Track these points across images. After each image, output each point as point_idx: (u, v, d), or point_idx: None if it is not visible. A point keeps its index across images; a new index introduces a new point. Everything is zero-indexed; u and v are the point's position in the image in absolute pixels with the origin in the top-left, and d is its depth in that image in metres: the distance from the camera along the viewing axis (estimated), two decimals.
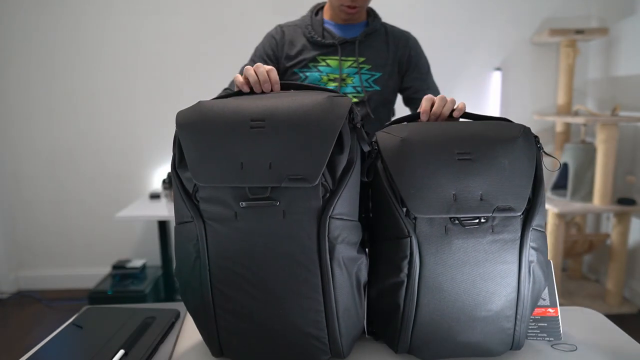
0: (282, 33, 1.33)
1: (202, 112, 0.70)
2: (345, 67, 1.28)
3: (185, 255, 0.73)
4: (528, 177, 0.71)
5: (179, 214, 0.74)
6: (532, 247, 0.73)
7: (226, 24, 2.71)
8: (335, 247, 0.69)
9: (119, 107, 2.78)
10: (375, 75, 1.29)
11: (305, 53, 1.28)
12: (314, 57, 1.28)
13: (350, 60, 1.28)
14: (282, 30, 1.33)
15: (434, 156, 0.70)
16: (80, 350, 0.79)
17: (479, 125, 0.76)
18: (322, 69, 1.28)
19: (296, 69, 1.30)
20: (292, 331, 0.71)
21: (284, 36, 1.32)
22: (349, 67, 1.28)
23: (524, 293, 0.73)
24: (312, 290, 0.69)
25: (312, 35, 1.28)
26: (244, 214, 0.67)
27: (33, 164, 2.81)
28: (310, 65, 1.28)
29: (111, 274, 2.49)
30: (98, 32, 2.70)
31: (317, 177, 0.65)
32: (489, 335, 0.74)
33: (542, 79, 2.82)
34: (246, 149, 0.66)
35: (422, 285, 0.71)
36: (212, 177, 0.67)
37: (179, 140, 0.72)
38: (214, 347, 0.76)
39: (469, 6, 2.73)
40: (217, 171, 0.67)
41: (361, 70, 1.28)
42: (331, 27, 1.31)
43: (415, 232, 0.70)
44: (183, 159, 0.72)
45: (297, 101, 0.69)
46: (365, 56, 1.28)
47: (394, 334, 0.76)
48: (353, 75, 1.28)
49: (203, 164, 0.67)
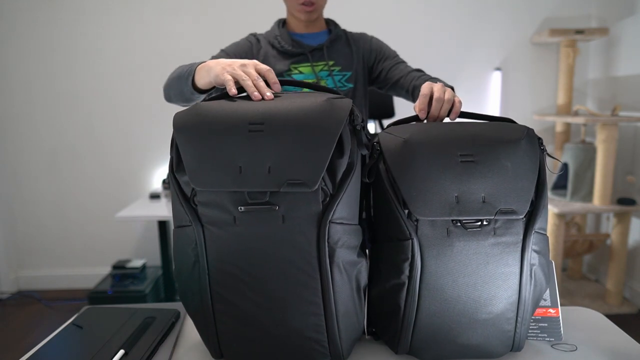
0: (257, 42, 1.36)
1: (200, 115, 0.68)
2: (317, 72, 1.33)
3: (185, 258, 0.73)
4: (531, 179, 0.71)
5: (177, 217, 0.73)
6: (534, 250, 0.72)
7: (226, 24, 2.71)
8: (335, 251, 0.68)
9: (119, 107, 2.78)
10: (346, 75, 1.35)
11: (278, 64, 1.32)
12: (287, 67, 1.32)
13: (320, 64, 1.34)
14: (257, 39, 1.36)
15: (436, 158, 0.70)
16: (80, 350, 0.79)
17: (482, 126, 0.75)
18: (295, 77, 1.32)
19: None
20: (291, 335, 0.70)
21: (260, 44, 1.35)
22: (320, 71, 1.34)
23: (525, 296, 0.72)
24: (311, 295, 0.69)
25: (282, 45, 1.33)
26: (242, 218, 0.66)
27: (33, 164, 2.81)
28: (285, 74, 1.32)
29: (111, 274, 2.49)
30: (98, 32, 2.70)
31: (316, 182, 0.64)
32: (489, 338, 0.73)
33: (542, 79, 2.82)
34: (245, 153, 0.65)
35: (423, 287, 0.71)
36: (210, 182, 0.66)
37: (176, 143, 0.70)
38: (214, 349, 0.76)
39: (469, 6, 2.73)
40: (215, 175, 0.65)
41: (333, 72, 1.34)
42: (298, 37, 1.37)
43: (417, 234, 0.70)
44: (181, 162, 0.71)
45: (297, 104, 0.68)
46: (334, 59, 1.35)
47: (395, 334, 0.76)
48: (326, 77, 1.34)
49: (201, 168, 0.66)
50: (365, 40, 1.42)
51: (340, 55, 1.36)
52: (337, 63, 1.35)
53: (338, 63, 1.36)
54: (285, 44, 1.33)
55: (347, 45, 1.39)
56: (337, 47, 1.37)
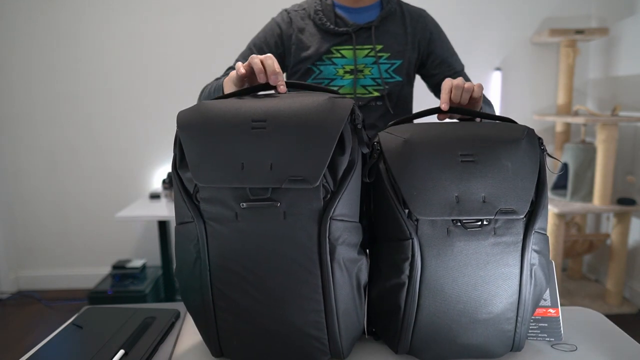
0: (290, 21, 1.20)
1: (203, 113, 0.69)
2: (361, 57, 1.16)
3: (186, 255, 0.73)
4: (531, 179, 0.71)
5: (179, 214, 0.74)
6: (535, 249, 0.72)
7: (227, 24, 2.71)
8: (335, 248, 0.68)
9: (119, 107, 2.78)
10: (395, 64, 1.18)
11: (317, 44, 1.16)
12: (327, 49, 1.16)
13: (366, 48, 1.16)
14: (290, 18, 1.20)
15: (437, 158, 0.70)
16: (80, 350, 0.79)
17: (483, 126, 0.75)
18: (337, 62, 1.17)
19: (309, 64, 1.19)
20: (291, 332, 0.71)
21: (292, 24, 1.19)
22: (365, 57, 1.16)
23: (525, 296, 0.73)
24: (312, 292, 0.69)
25: (323, 22, 1.16)
26: (244, 214, 0.67)
27: (33, 164, 2.81)
28: (324, 57, 1.17)
29: (111, 274, 2.49)
30: (98, 32, 2.70)
31: (318, 179, 0.65)
32: (489, 337, 0.73)
33: (542, 79, 2.82)
34: (247, 150, 0.66)
35: (423, 287, 0.71)
36: (213, 178, 0.67)
37: (179, 140, 0.72)
38: (214, 347, 0.76)
39: (469, 6, 2.73)
40: (218, 172, 0.66)
41: (379, 60, 1.17)
42: (342, 12, 1.18)
43: (417, 234, 0.70)
44: (184, 159, 0.72)
45: (299, 102, 0.69)
46: (383, 43, 1.17)
47: (395, 334, 0.76)
48: (371, 65, 1.17)
49: (204, 165, 0.67)
50: (424, 23, 1.21)
51: (391, 38, 1.18)
52: (386, 48, 1.17)
53: (387, 48, 1.17)
54: (327, 21, 1.16)
55: (401, 24, 1.19)
56: (388, 27, 1.18)
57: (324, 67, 1.18)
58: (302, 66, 1.19)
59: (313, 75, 1.20)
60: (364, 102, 1.19)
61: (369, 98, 1.19)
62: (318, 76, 1.19)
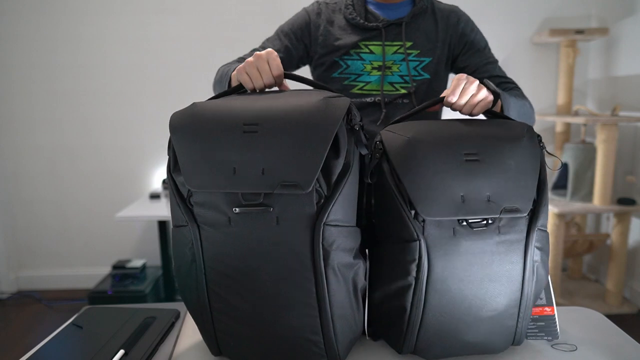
0: (319, 12, 1.18)
1: (195, 115, 0.68)
2: (390, 54, 1.14)
3: (182, 257, 0.73)
4: (533, 177, 0.71)
5: (174, 217, 0.73)
6: (537, 246, 0.73)
7: (227, 24, 2.71)
8: (329, 254, 0.67)
9: (119, 107, 2.78)
10: (424, 62, 1.15)
11: (346, 38, 1.15)
12: (355, 43, 1.14)
13: (395, 45, 1.14)
14: (320, 9, 1.19)
15: (442, 157, 0.69)
16: (80, 350, 0.79)
17: (483, 123, 0.75)
18: (365, 57, 1.15)
19: (336, 57, 1.16)
20: (287, 335, 0.70)
21: (321, 15, 1.18)
22: (394, 54, 1.15)
23: (528, 291, 0.73)
24: (306, 296, 0.68)
25: (353, 17, 1.14)
26: (237, 219, 0.66)
27: (33, 164, 2.81)
28: (352, 52, 1.15)
29: (111, 274, 2.49)
30: (98, 32, 2.70)
31: (310, 184, 0.64)
32: (492, 334, 0.74)
33: (542, 79, 2.82)
34: (239, 154, 0.65)
35: (430, 288, 0.70)
36: (205, 183, 0.66)
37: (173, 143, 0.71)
38: (212, 346, 0.76)
39: (469, 6, 2.73)
40: (210, 176, 0.65)
41: (409, 57, 1.15)
42: (373, 7, 1.17)
43: (424, 234, 0.69)
44: (177, 163, 0.71)
45: (292, 103, 0.68)
46: (413, 40, 1.15)
47: (399, 335, 0.75)
48: (399, 62, 1.15)
49: (195, 169, 0.66)
50: (455, 19, 1.18)
51: (422, 35, 1.16)
52: (415, 45, 1.15)
53: (417, 45, 1.15)
54: (357, 15, 1.14)
55: (432, 21, 1.17)
56: (419, 24, 1.16)
57: (351, 61, 1.16)
58: (329, 59, 1.17)
59: (340, 70, 1.17)
60: (391, 99, 1.16)
61: (395, 95, 1.16)
62: (345, 71, 1.17)
